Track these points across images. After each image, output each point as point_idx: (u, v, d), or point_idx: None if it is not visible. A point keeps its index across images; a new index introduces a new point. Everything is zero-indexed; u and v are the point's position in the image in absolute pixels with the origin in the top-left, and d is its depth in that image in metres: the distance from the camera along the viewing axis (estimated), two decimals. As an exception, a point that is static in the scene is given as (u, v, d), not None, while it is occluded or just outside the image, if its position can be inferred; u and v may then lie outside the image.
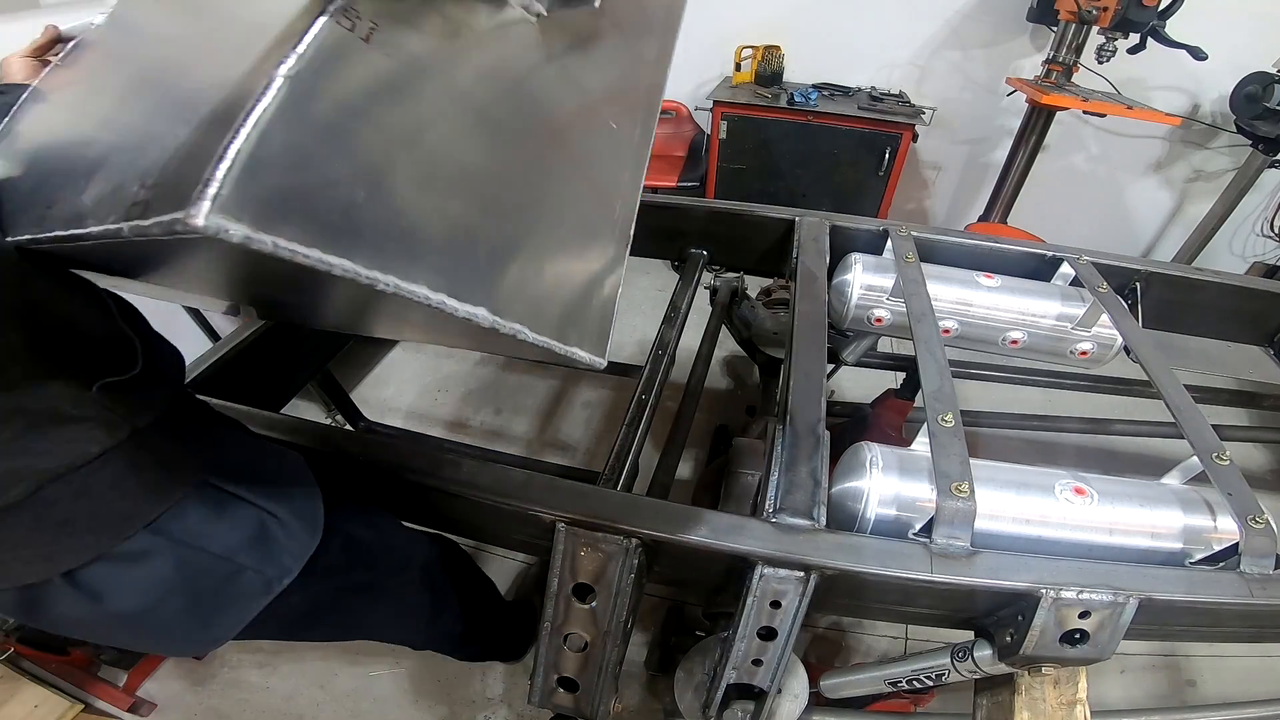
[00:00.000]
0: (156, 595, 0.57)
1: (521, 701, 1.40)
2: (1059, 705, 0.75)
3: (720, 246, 1.54)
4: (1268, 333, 1.40)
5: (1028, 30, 2.57)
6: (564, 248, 0.55)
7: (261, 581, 0.65)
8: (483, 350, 0.65)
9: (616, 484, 0.95)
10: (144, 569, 0.56)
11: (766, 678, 0.77)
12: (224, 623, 0.64)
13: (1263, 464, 2.05)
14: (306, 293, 0.48)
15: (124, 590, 0.55)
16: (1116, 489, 0.83)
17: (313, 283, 0.40)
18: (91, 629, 0.59)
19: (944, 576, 0.72)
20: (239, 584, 0.64)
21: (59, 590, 0.53)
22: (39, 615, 0.56)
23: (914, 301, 1.09)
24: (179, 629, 0.61)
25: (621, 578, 0.77)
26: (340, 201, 0.37)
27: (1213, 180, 2.72)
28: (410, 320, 0.51)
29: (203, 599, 0.61)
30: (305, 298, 0.50)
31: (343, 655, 1.48)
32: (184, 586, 0.59)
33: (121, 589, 0.55)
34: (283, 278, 0.41)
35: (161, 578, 0.57)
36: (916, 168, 3.08)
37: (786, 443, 0.84)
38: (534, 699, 0.83)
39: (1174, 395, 0.94)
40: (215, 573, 0.61)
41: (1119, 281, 1.32)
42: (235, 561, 0.62)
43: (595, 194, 0.60)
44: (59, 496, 0.49)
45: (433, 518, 0.95)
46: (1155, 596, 0.70)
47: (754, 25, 2.79)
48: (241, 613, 0.65)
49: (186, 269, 0.46)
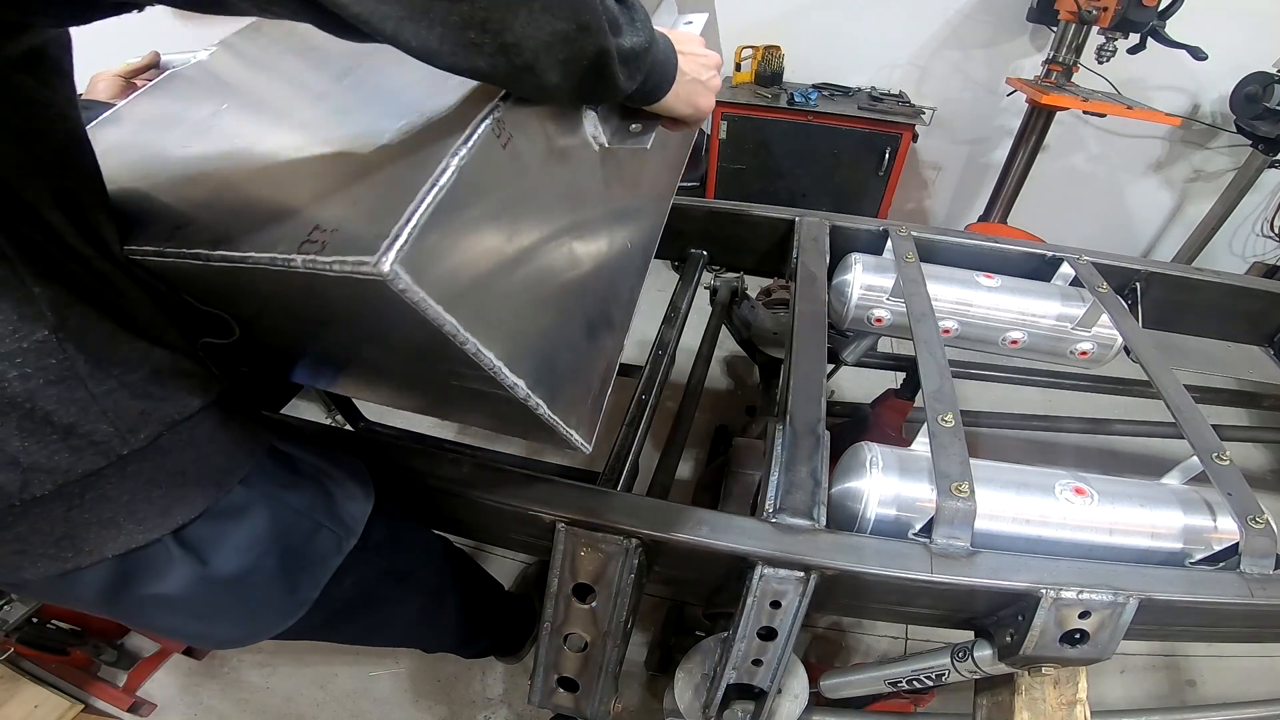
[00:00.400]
0: (255, 554, 0.58)
1: (521, 701, 1.40)
2: (1059, 705, 0.75)
3: (720, 246, 1.54)
4: (1267, 333, 1.40)
5: (1028, 30, 2.57)
6: (580, 347, 0.65)
7: (334, 540, 0.66)
8: (475, 423, 0.76)
9: (616, 484, 0.95)
10: (244, 525, 0.57)
11: (766, 678, 0.77)
12: (306, 583, 0.65)
13: (1263, 464, 2.05)
14: (400, 360, 0.56)
15: (228, 549, 0.56)
16: (1116, 489, 0.83)
17: (418, 348, 0.49)
18: (186, 606, 0.57)
19: (944, 576, 0.72)
20: (317, 542, 0.65)
21: (164, 554, 0.53)
22: (131, 593, 0.53)
23: (914, 301, 1.09)
24: (272, 594, 0.62)
25: (621, 578, 0.77)
26: (473, 285, 0.46)
27: (1213, 180, 2.72)
28: (455, 390, 0.59)
29: (290, 558, 0.62)
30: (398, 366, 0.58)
31: (343, 655, 1.48)
32: (276, 543, 0.60)
33: (226, 547, 0.56)
34: (392, 342, 0.50)
35: (259, 534, 0.58)
36: (916, 168, 3.08)
37: (786, 443, 0.84)
38: (534, 699, 0.83)
39: (1174, 395, 0.94)
40: (299, 529, 0.63)
41: (1119, 281, 1.32)
42: (313, 518, 0.64)
43: (610, 303, 0.73)
44: (173, 446, 0.51)
45: (433, 518, 0.94)
46: (1155, 596, 0.70)
47: (754, 25, 2.79)
48: (320, 574, 0.66)
49: (303, 314, 0.53)
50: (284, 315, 0.56)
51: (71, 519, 0.47)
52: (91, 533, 0.49)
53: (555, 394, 0.59)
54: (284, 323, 0.58)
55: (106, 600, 0.53)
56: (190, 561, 0.54)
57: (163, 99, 0.71)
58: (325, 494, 0.67)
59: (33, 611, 1.23)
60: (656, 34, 0.53)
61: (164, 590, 0.54)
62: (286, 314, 0.55)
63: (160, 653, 1.47)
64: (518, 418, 0.62)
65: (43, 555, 0.48)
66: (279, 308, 0.54)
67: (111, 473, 0.48)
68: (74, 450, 0.45)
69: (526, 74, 0.42)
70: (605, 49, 0.45)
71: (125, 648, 1.49)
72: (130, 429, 0.48)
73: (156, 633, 0.61)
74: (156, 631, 0.61)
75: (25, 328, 0.41)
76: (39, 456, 0.44)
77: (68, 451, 0.45)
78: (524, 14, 0.38)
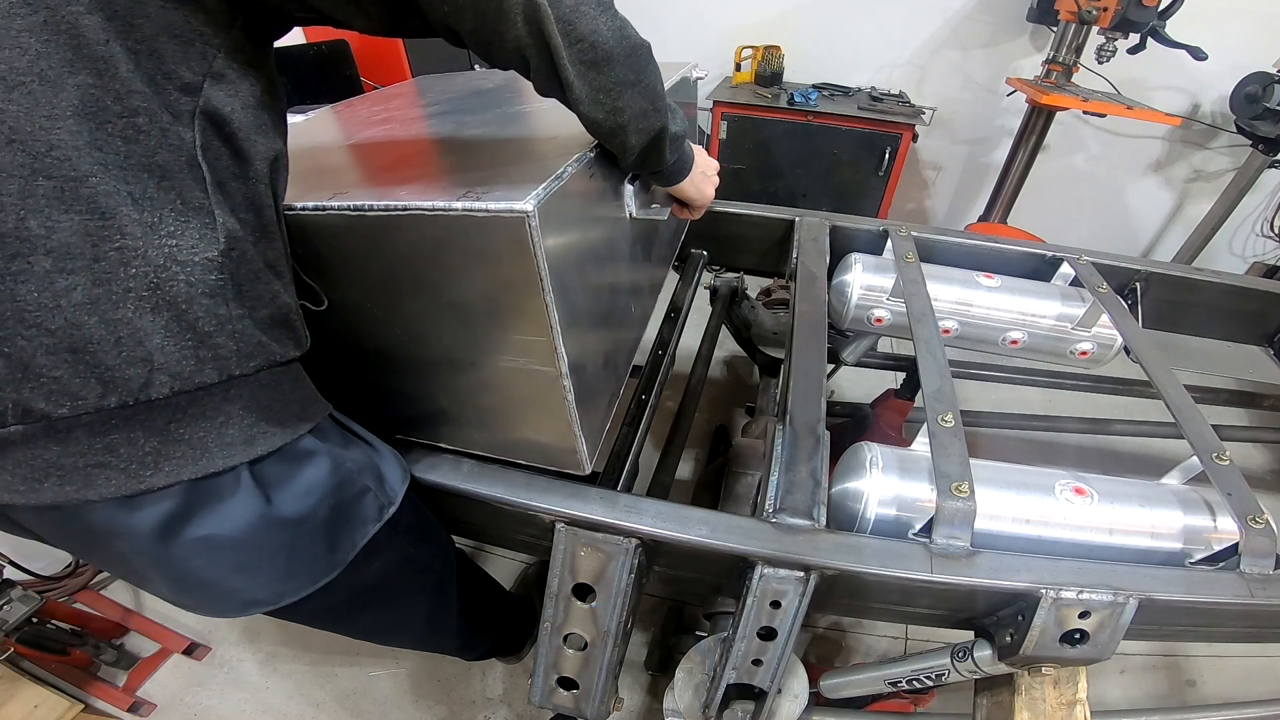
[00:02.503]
0: (313, 500, 0.61)
1: (521, 701, 1.40)
2: (1059, 705, 0.75)
3: (720, 246, 1.54)
4: (1267, 333, 1.40)
5: (1028, 30, 2.57)
6: (599, 370, 0.79)
7: (376, 506, 0.70)
8: (479, 444, 0.85)
9: (616, 484, 0.96)
10: (310, 469, 0.61)
11: (766, 678, 0.77)
12: (345, 543, 0.67)
13: (1263, 464, 2.05)
14: (466, 328, 0.68)
15: (292, 490, 0.60)
16: (1116, 489, 0.83)
17: (501, 303, 0.63)
18: (234, 551, 0.58)
19: (944, 576, 0.72)
20: (363, 505, 0.68)
21: (233, 486, 0.55)
22: (186, 530, 0.54)
23: (914, 301, 1.09)
24: (315, 547, 0.64)
25: (621, 578, 0.77)
26: (560, 256, 0.62)
27: (1213, 180, 2.73)
28: (488, 381, 0.73)
29: (338, 514, 0.65)
30: (460, 338, 0.69)
31: (343, 655, 1.48)
32: (331, 494, 0.63)
33: (292, 487, 0.60)
34: (481, 296, 0.63)
35: (320, 481, 0.62)
36: (916, 168, 3.08)
37: (786, 443, 0.84)
38: (534, 699, 0.83)
39: (1174, 395, 0.94)
40: (352, 486, 0.66)
41: (1119, 281, 1.32)
42: (363, 480, 0.68)
43: (618, 349, 0.89)
44: (270, 381, 0.57)
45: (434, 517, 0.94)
46: (1155, 596, 0.70)
47: (754, 25, 2.80)
48: (359, 536, 0.68)
49: (398, 280, 0.65)
50: (376, 286, 0.67)
51: (169, 432, 0.51)
52: (179, 451, 0.51)
53: (580, 391, 0.70)
54: (369, 295, 0.69)
55: (158, 536, 0.53)
56: (256, 497, 0.57)
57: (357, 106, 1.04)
58: (371, 462, 0.71)
59: (33, 611, 1.23)
60: (685, 132, 0.76)
61: (220, 530, 0.55)
62: (379, 284, 0.67)
63: (160, 653, 1.47)
64: (529, 419, 0.75)
65: (123, 470, 0.49)
66: (377, 277, 0.66)
67: (218, 390, 0.52)
68: (200, 360, 0.50)
69: (619, 131, 0.65)
70: (665, 127, 0.69)
71: (125, 648, 1.50)
72: (247, 354, 0.54)
73: (182, 590, 0.60)
74: (184, 587, 0.60)
75: (203, 246, 0.49)
76: (172, 357, 0.49)
77: (194, 359, 0.50)
78: (631, 92, 0.62)
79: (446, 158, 0.77)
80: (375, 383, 0.80)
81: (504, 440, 0.81)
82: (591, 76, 0.59)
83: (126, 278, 0.46)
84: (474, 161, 0.71)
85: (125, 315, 0.46)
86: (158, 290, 0.47)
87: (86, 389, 0.46)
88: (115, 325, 0.46)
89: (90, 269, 0.44)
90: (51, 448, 0.47)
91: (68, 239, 0.43)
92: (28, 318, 0.44)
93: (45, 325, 0.44)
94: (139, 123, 0.45)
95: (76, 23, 0.42)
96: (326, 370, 0.70)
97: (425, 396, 0.79)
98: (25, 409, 0.45)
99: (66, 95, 0.42)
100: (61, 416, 0.46)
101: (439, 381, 0.76)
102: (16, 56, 0.40)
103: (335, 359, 0.74)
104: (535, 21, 0.54)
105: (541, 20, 0.54)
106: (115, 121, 0.44)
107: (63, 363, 0.45)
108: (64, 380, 0.45)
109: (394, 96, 1.25)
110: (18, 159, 0.41)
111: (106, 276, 0.45)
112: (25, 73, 0.41)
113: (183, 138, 0.48)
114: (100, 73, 0.43)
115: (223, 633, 1.53)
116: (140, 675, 1.43)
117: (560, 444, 0.76)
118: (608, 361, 0.83)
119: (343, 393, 0.72)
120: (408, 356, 0.74)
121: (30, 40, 0.40)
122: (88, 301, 0.45)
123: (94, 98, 0.43)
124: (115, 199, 0.44)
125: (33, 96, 0.41)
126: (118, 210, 0.45)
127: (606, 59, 0.59)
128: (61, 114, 0.42)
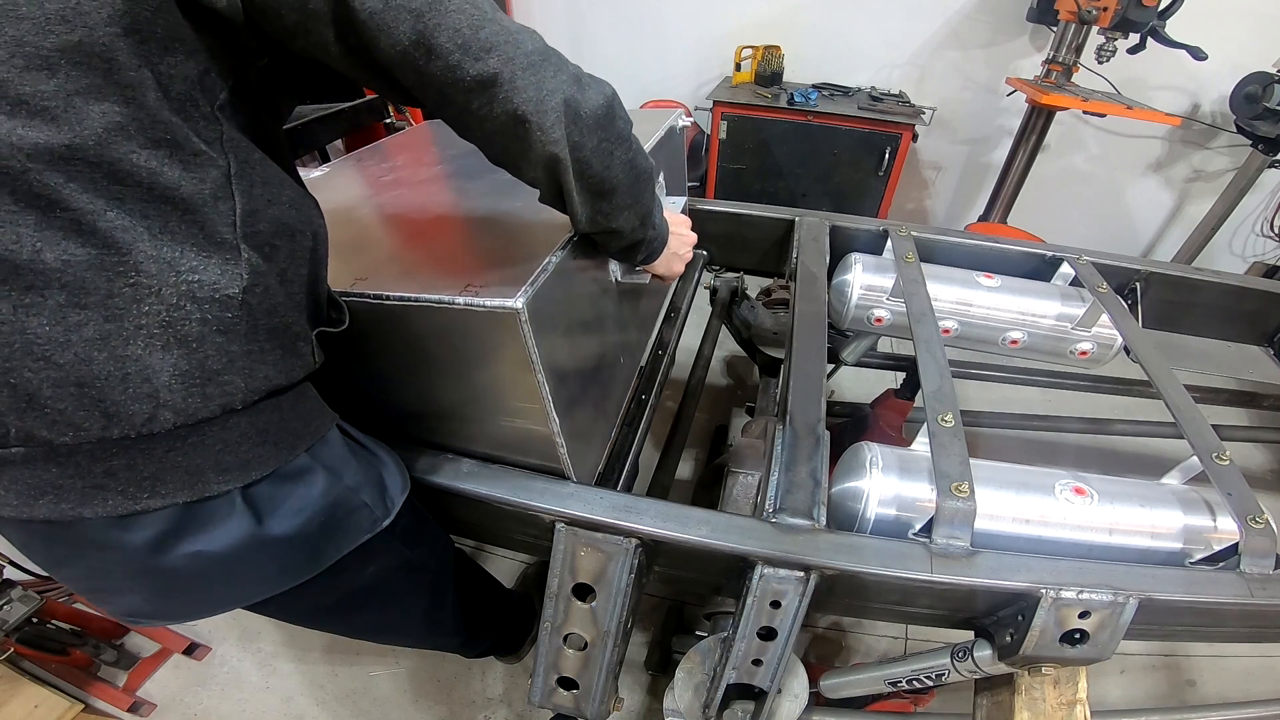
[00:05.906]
0: (304, 518, 0.60)
1: (521, 701, 1.40)
2: (1059, 705, 0.75)
3: (720, 246, 1.54)
4: (1267, 333, 1.40)
5: (1028, 30, 2.57)
6: (590, 420, 0.88)
7: (370, 520, 0.69)
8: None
9: (616, 484, 0.95)
10: (302, 489, 0.60)
11: (766, 678, 0.77)
12: (329, 552, 0.67)
13: (1263, 464, 2.05)
14: (472, 393, 0.76)
15: (285, 509, 0.59)
16: (1116, 489, 0.83)
17: (500, 380, 0.72)
18: (224, 567, 0.58)
19: (944, 576, 0.72)
20: (356, 519, 0.68)
21: (227, 508, 0.55)
22: (177, 547, 0.54)
23: (914, 301, 1.09)
24: (299, 559, 0.63)
25: (621, 578, 0.77)
26: (550, 339, 0.69)
27: (1213, 180, 2.73)
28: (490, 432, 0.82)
29: (329, 527, 0.64)
30: (465, 403, 0.79)
31: (343, 655, 1.48)
32: (324, 512, 0.62)
33: (284, 508, 0.59)
34: (484, 371, 0.72)
35: (313, 500, 0.61)
36: (916, 168, 3.08)
37: (786, 443, 0.84)
38: (534, 699, 0.83)
39: (1174, 395, 0.94)
40: (346, 504, 0.66)
41: (1119, 281, 1.32)
42: (359, 496, 0.67)
43: (607, 398, 0.97)
44: (269, 407, 0.56)
45: (434, 517, 0.94)
46: (1155, 596, 0.70)
47: (754, 25, 2.80)
48: (345, 546, 0.68)
49: (415, 351, 0.73)
50: (390, 354, 0.75)
51: (167, 460, 0.50)
52: (175, 477, 0.51)
53: (573, 444, 0.79)
54: (385, 360, 0.76)
55: (149, 550, 0.53)
56: (247, 518, 0.56)
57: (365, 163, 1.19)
58: (374, 474, 0.71)
59: (33, 611, 1.23)
60: (663, 228, 0.82)
61: (209, 548, 0.55)
62: (394, 353, 0.75)
63: (160, 653, 1.47)
64: (527, 459, 0.83)
65: (120, 492, 0.49)
66: (392, 348, 0.74)
67: (218, 423, 0.52)
68: (205, 397, 0.50)
69: (605, 235, 0.73)
70: (645, 238, 0.77)
71: (125, 648, 1.49)
72: (253, 389, 0.53)
73: (164, 598, 0.59)
74: (167, 595, 0.59)
75: (225, 282, 0.49)
76: (178, 395, 0.48)
77: (201, 397, 0.49)
78: (626, 213, 0.70)
79: (450, 238, 0.86)
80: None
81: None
82: (595, 203, 0.66)
83: (139, 315, 0.45)
84: (474, 245, 0.83)
85: (134, 352, 0.46)
86: (169, 329, 0.46)
87: (90, 421, 0.46)
88: (124, 362, 0.46)
89: (104, 305, 0.44)
90: (51, 469, 0.47)
91: (82, 274, 0.43)
92: (36, 350, 0.43)
93: (54, 359, 0.44)
94: (163, 153, 0.44)
95: (111, 45, 0.40)
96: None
97: (430, 431, 0.86)
98: (28, 434, 0.46)
99: (91, 123, 0.41)
100: (64, 444, 0.46)
101: (444, 426, 0.84)
102: (44, 79, 0.39)
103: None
104: (554, 172, 0.60)
105: (560, 173, 0.60)
106: (139, 152, 0.43)
107: (68, 395, 0.45)
108: (68, 412, 0.45)
109: (401, 150, 1.31)
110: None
111: (119, 313, 0.45)
112: (51, 97, 0.39)
113: (213, 165, 0.47)
114: (128, 100, 0.42)
115: (223, 633, 1.53)
116: (140, 675, 1.43)
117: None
118: (599, 409, 0.93)
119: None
120: (417, 401, 0.82)
121: (61, 61, 0.39)
122: (98, 337, 0.44)
123: (118, 125, 0.42)
124: (132, 234, 0.44)
125: (56, 124, 0.40)
126: (134, 246, 0.44)
127: (612, 190, 0.65)
128: (84, 143, 0.41)
